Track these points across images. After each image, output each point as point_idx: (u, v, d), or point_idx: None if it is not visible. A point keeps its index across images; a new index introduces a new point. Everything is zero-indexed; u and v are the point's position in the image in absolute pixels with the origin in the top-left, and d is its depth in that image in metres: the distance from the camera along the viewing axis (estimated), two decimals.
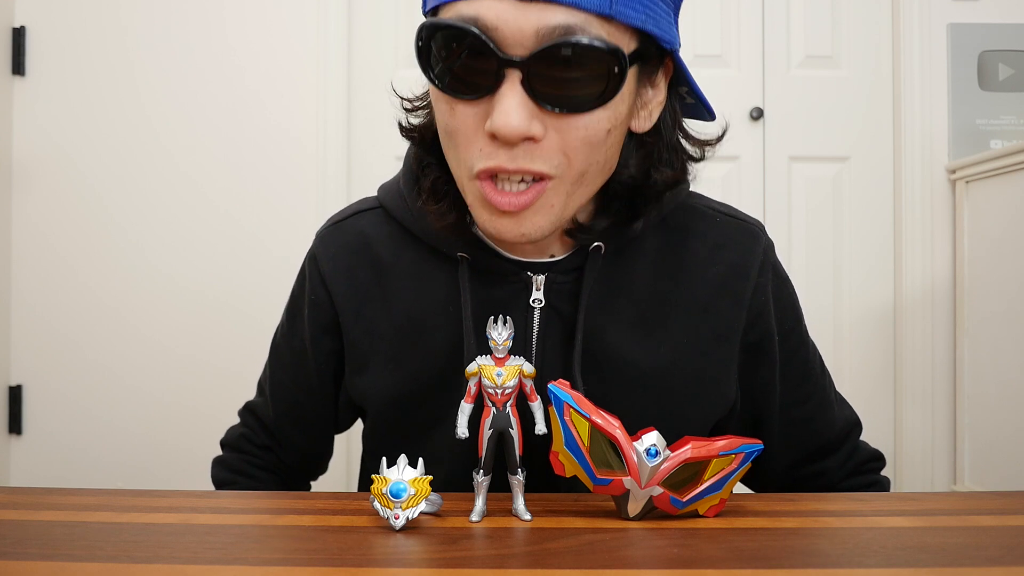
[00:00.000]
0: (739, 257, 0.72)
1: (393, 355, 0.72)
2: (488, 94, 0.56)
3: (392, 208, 0.73)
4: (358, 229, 0.74)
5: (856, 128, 2.09)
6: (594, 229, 0.66)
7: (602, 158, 0.60)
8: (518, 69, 0.54)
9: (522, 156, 0.56)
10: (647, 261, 0.71)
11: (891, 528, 0.51)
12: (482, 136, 0.57)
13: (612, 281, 0.70)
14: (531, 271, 0.68)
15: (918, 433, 2.02)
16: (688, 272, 0.71)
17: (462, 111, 0.57)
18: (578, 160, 0.58)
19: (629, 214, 0.67)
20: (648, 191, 0.66)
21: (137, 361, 2.03)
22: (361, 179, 2.06)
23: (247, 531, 0.50)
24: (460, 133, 0.58)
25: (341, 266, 0.73)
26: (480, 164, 0.58)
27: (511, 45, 0.54)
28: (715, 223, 0.74)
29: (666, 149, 0.66)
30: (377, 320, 0.72)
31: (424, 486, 0.50)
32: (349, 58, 2.05)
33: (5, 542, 0.47)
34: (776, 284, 0.75)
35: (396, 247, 0.72)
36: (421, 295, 0.71)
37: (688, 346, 0.70)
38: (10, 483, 2.05)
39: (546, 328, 0.69)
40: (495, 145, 0.56)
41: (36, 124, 2.04)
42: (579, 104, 0.56)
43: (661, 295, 0.70)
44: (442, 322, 0.70)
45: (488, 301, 0.68)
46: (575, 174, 0.59)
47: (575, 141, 0.57)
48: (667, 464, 0.52)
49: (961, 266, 1.98)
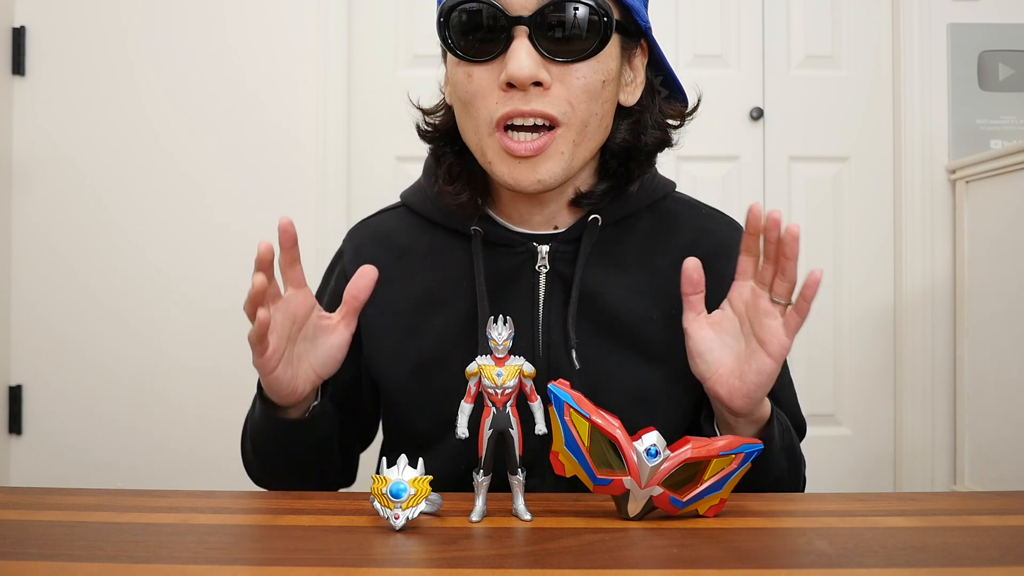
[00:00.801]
0: (723, 242, 0.80)
1: (411, 326, 0.78)
2: (501, 54, 0.67)
3: (412, 202, 0.83)
4: (382, 223, 0.85)
5: (856, 128, 2.09)
6: (596, 193, 0.76)
7: (600, 110, 0.70)
8: (525, 25, 0.66)
9: (534, 99, 0.67)
10: (640, 237, 0.79)
11: (891, 528, 0.51)
12: (497, 90, 0.68)
13: (608, 252, 0.78)
14: (536, 242, 0.77)
15: (918, 433, 2.02)
16: (676, 251, 0.77)
17: (479, 74, 0.69)
18: (580, 108, 0.68)
19: (625, 177, 0.77)
20: (639, 153, 0.76)
21: (137, 361, 2.03)
22: (361, 179, 2.06)
23: (247, 531, 0.50)
24: (478, 94, 0.69)
25: (363, 253, 0.81)
26: (499, 111, 0.67)
27: (517, 8, 0.66)
28: (701, 214, 0.84)
29: (650, 117, 0.77)
30: (394, 298, 0.79)
31: (424, 486, 0.50)
32: (349, 58, 2.05)
33: (5, 542, 0.47)
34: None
35: (415, 234, 0.82)
36: (437, 271, 0.79)
37: (675, 316, 0.73)
38: (10, 483, 2.05)
39: (551, 291, 0.76)
40: (510, 94, 0.67)
41: (36, 124, 2.04)
42: (576, 52, 0.67)
43: (652, 268, 0.78)
44: (458, 293, 0.77)
45: (499, 270, 0.77)
46: (579, 122, 0.69)
47: (576, 90, 0.68)
48: (667, 464, 0.52)
49: (961, 266, 1.98)
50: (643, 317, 0.77)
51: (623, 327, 0.76)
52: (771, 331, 0.65)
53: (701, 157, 2.07)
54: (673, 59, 2.09)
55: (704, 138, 2.05)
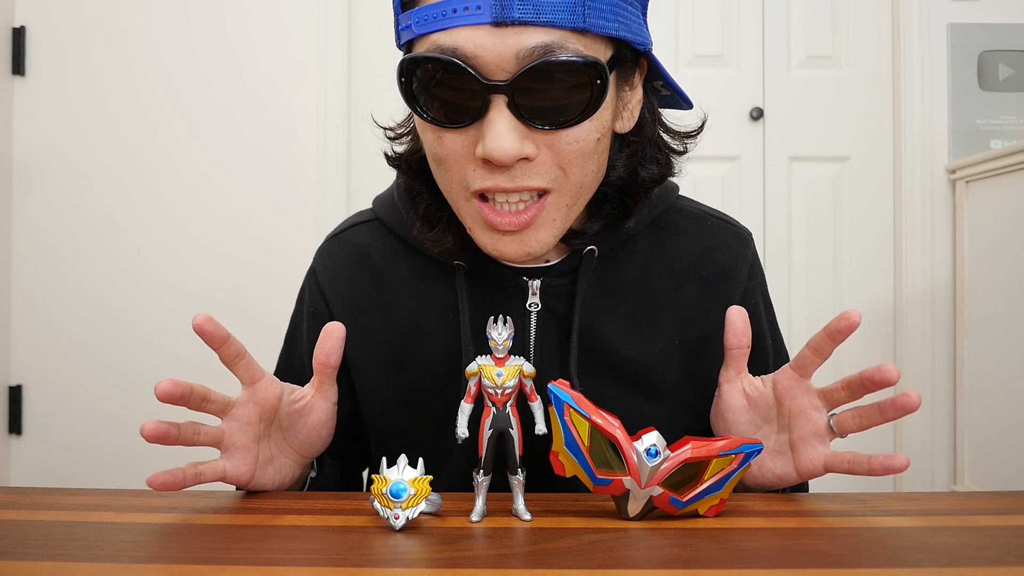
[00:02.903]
0: (729, 260, 0.74)
1: (394, 360, 0.72)
2: (476, 120, 0.57)
3: (388, 221, 0.74)
4: (356, 241, 0.76)
5: (856, 128, 2.10)
6: (588, 233, 0.67)
7: (595, 166, 0.61)
8: (503, 93, 0.55)
9: (519, 175, 0.58)
10: (639, 262, 0.72)
11: (891, 528, 0.51)
12: (474, 160, 0.58)
13: (605, 282, 0.71)
14: (527, 276, 0.69)
15: (918, 433, 2.02)
16: (679, 273, 0.72)
17: (451, 139, 0.58)
18: (574, 172, 0.59)
19: (621, 214, 0.68)
20: (637, 189, 0.67)
21: (137, 361, 2.03)
22: (361, 179, 2.06)
23: (247, 531, 0.50)
24: (451, 159, 0.59)
25: (340, 277, 0.74)
26: (477, 184, 0.58)
27: (493, 71, 0.55)
28: (706, 226, 0.75)
29: (650, 146, 0.67)
30: (376, 327, 0.73)
31: (424, 486, 0.50)
32: (349, 58, 2.05)
33: (5, 542, 0.47)
34: (763, 287, 0.77)
35: (394, 257, 0.73)
36: (420, 302, 0.72)
37: (680, 346, 0.71)
38: (10, 483, 2.05)
39: (543, 331, 0.70)
40: (489, 168, 0.58)
41: (36, 124, 2.04)
42: (567, 119, 0.57)
43: (653, 295, 0.71)
44: (441, 328, 0.71)
45: (485, 307, 0.69)
46: (573, 186, 0.60)
47: (568, 155, 0.58)
48: (667, 464, 0.52)
49: (961, 266, 1.98)
50: (644, 350, 0.70)
51: (622, 362, 0.70)
52: (809, 449, 0.61)
53: (701, 157, 2.07)
54: (673, 59, 2.09)
55: (704, 138, 2.05)
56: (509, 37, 0.54)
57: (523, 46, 0.54)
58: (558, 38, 0.54)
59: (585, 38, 0.56)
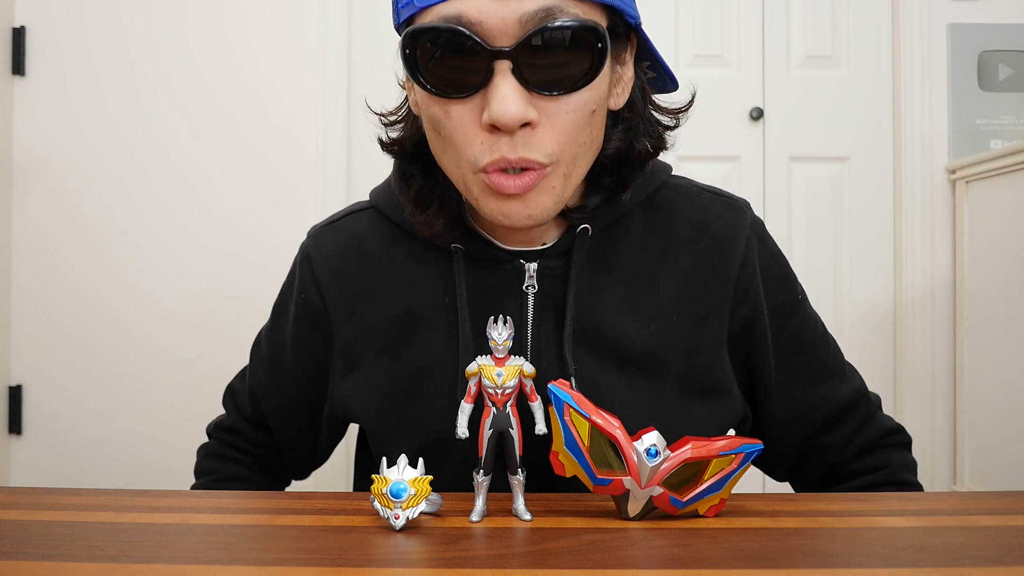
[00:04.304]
0: (724, 233, 0.73)
1: (389, 346, 0.72)
2: (481, 89, 0.58)
3: (384, 208, 0.75)
4: (352, 228, 0.76)
5: (856, 128, 2.10)
6: (587, 208, 0.69)
7: (590, 139, 0.62)
8: (507, 59, 0.56)
9: (521, 145, 0.58)
10: (634, 240, 0.72)
11: (891, 528, 0.51)
12: (480, 130, 0.59)
13: (600, 261, 0.71)
14: (523, 259, 0.70)
15: (918, 433, 2.02)
16: (674, 250, 0.72)
17: (457, 111, 0.59)
18: (570, 144, 0.61)
19: (618, 187, 0.69)
20: (633, 161, 0.68)
21: (137, 361, 2.03)
22: (361, 179, 2.06)
23: (247, 531, 0.50)
24: (458, 132, 0.60)
25: (334, 264, 0.75)
26: (485, 158, 0.59)
27: (496, 36, 0.56)
28: (700, 200, 0.75)
29: (642, 121, 0.69)
30: (371, 315, 0.73)
31: (424, 486, 0.50)
32: (349, 58, 2.05)
33: (5, 542, 0.47)
34: (766, 258, 0.75)
35: (390, 244, 0.74)
36: (416, 288, 0.72)
37: (677, 323, 0.71)
38: (10, 483, 2.05)
39: (540, 312, 0.70)
40: (495, 136, 0.58)
41: (36, 124, 2.04)
42: (569, 83, 0.58)
43: (648, 273, 0.72)
44: (438, 313, 0.71)
45: (482, 290, 0.70)
46: (570, 158, 0.61)
47: (566, 125, 0.59)
48: (667, 464, 0.52)
49: (961, 266, 1.98)
50: (640, 328, 0.70)
51: (618, 343, 0.70)
52: None
53: (701, 157, 2.07)
54: (673, 59, 2.09)
55: (704, 138, 2.05)
56: (511, 2, 0.56)
57: (525, 10, 0.55)
58: (558, 2, 0.56)
59: (583, 4, 0.58)
